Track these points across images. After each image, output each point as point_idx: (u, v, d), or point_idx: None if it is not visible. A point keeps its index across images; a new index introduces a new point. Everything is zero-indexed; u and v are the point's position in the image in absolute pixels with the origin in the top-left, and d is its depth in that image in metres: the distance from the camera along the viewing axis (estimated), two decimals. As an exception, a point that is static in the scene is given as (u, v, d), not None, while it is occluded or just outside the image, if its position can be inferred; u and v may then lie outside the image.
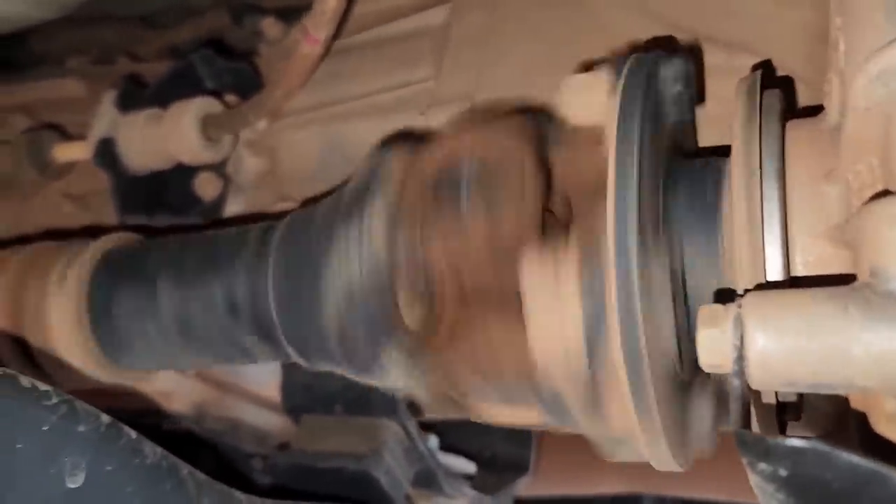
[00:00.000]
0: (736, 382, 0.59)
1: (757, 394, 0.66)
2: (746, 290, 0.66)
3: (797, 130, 0.76)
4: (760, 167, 0.70)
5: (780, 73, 0.97)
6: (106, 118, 1.45)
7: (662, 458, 0.73)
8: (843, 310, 0.57)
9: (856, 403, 0.70)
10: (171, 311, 1.05)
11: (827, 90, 0.79)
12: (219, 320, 1.01)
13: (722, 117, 1.02)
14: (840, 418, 0.95)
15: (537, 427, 0.86)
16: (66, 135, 1.66)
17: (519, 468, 1.59)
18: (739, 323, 0.59)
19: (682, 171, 0.81)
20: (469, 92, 1.22)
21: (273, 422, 1.44)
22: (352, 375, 0.96)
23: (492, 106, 1.10)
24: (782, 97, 0.79)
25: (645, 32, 1.08)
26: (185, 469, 0.83)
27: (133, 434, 0.79)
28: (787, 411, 0.77)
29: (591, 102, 0.80)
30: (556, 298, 0.72)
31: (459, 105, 1.22)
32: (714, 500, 1.65)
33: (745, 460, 0.55)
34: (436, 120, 1.23)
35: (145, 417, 1.38)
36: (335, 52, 1.37)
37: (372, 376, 0.92)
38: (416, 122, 1.28)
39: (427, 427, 1.42)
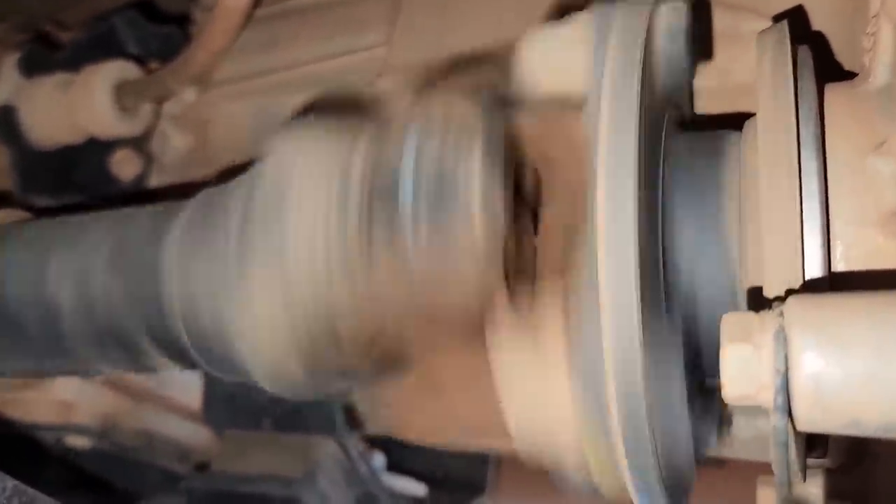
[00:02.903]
0: (780, 421, 0.42)
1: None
2: (788, 291, 0.49)
3: (835, 93, 0.61)
4: (798, 135, 0.54)
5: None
6: (7, 83, 1.26)
7: None
8: (930, 322, 0.40)
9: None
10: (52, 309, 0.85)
11: (867, 46, 0.63)
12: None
13: (724, 91, 0.87)
14: (855, 450, 0.80)
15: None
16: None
17: (474, 489, 1.44)
18: (782, 337, 0.43)
19: (681, 147, 0.65)
20: (426, 59, 1.06)
21: (196, 435, 1.28)
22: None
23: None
24: (814, 54, 0.63)
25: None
26: (47, 508, 0.65)
27: (-25, 466, 0.61)
28: (813, 446, 0.61)
29: (562, 65, 0.64)
30: (539, 378, 0.58)
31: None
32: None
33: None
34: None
35: (45, 432, 1.20)
36: (272, 16, 1.22)
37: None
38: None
39: (372, 443, 1.26)
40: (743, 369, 0.44)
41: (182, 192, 0.91)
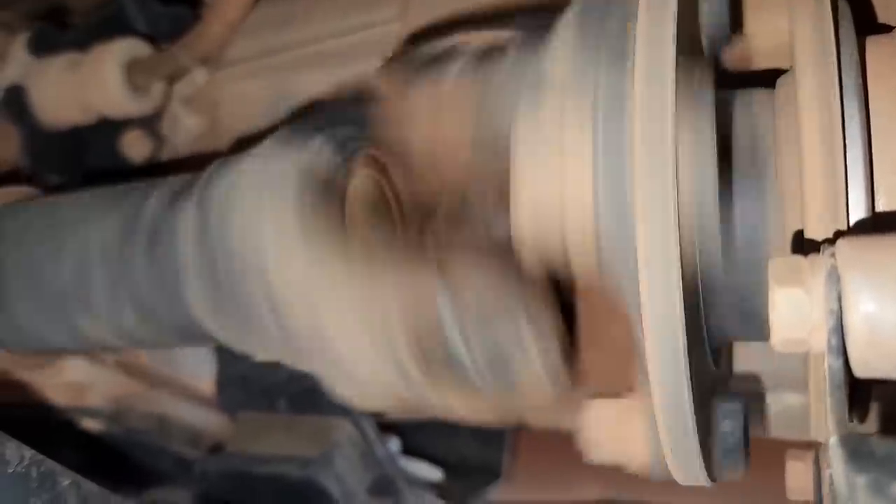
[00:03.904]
0: (836, 362, 0.40)
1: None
2: (837, 233, 0.48)
3: (876, 44, 0.59)
4: (841, 84, 0.52)
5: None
6: (15, 63, 1.25)
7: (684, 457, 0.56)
8: None
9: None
10: (62, 283, 0.84)
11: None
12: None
13: (751, 56, 0.86)
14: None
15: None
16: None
17: (490, 474, 1.43)
18: (835, 278, 0.41)
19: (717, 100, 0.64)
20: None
21: (208, 419, 1.26)
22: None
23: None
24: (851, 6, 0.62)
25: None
26: (65, 479, 0.64)
27: (-9, 434, 0.59)
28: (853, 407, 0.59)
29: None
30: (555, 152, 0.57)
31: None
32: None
33: (855, 472, 0.36)
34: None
35: (55, 414, 1.19)
36: (285, -7, 1.20)
37: None
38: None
39: (386, 428, 1.24)
40: (794, 312, 0.42)
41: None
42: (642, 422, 0.59)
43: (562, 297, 0.61)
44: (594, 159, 0.55)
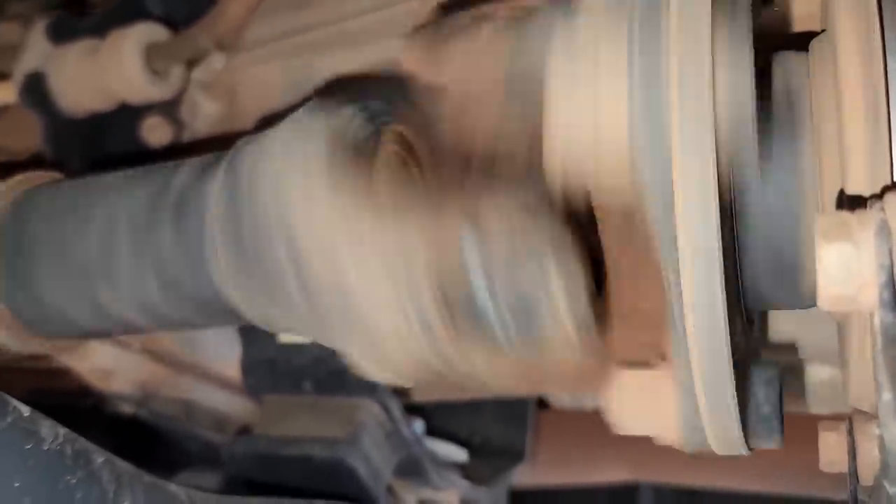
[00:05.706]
0: (888, 317, 0.39)
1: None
2: (886, 188, 0.47)
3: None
4: (883, 39, 0.51)
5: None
6: (35, 50, 1.25)
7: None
8: None
9: None
10: (87, 255, 0.84)
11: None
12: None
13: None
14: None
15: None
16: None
17: (514, 455, 1.42)
18: (886, 232, 0.40)
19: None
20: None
21: (233, 403, 1.27)
22: None
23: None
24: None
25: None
26: (99, 457, 0.63)
27: (25, 410, 0.60)
28: None
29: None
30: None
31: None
32: (712, 488, 1.51)
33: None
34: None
35: (83, 400, 1.19)
36: (302, -27, 1.18)
37: None
38: (399, 51, 1.09)
39: (411, 410, 1.24)
40: (843, 268, 0.42)
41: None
42: (674, 392, 0.58)
43: (593, 257, 0.60)
44: (629, 87, 0.54)
